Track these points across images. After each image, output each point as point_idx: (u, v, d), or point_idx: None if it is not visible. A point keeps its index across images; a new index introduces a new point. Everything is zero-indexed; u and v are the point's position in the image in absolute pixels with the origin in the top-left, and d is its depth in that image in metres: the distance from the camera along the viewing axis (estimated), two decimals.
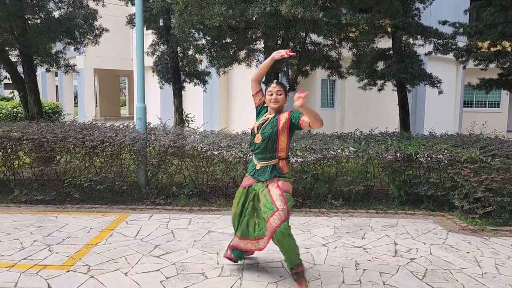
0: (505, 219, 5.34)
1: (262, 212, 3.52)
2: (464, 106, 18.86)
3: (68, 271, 3.89)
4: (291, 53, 3.47)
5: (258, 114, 3.75)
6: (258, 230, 3.67)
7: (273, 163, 3.56)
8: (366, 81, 9.97)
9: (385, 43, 9.59)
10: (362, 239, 4.85)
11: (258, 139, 3.56)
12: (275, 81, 3.64)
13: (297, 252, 3.52)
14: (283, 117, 3.51)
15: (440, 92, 9.70)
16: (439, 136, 6.73)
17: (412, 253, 4.42)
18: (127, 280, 3.71)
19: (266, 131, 3.52)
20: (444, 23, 10.25)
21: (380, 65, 9.93)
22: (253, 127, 3.64)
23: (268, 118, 3.60)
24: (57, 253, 4.31)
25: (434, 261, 4.21)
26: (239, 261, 4.01)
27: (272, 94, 3.56)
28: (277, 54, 3.50)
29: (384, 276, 3.85)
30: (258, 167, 3.60)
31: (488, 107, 20.10)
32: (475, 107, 20.23)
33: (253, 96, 3.76)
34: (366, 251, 4.46)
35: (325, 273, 3.90)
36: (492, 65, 10.02)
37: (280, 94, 3.55)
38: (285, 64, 7.91)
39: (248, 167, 3.81)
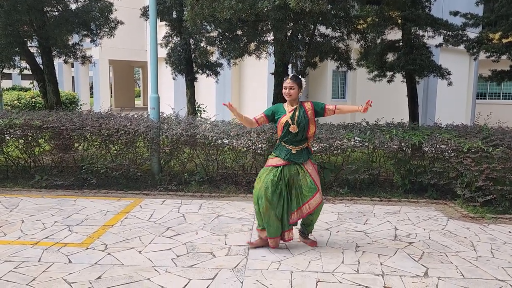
0: (505, 207, 5.49)
1: (303, 190, 4.04)
2: (477, 98, 18.74)
3: (87, 248, 4.20)
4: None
5: (276, 112, 4.15)
6: (291, 205, 4.13)
7: (305, 146, 4.11)
8: (375, 72, 10.07)
9: (395, 34, 9.66)
10: (364, 224, 5.06)
11: (294, 129, 4.01)
12: (290, 75, 4.09)
13: None
14: (308, 108, 4.07)
15: (450, 84, 9.75)
16: (444, 126, 6.86)
17: (411, 238, 4.62)
18: (141, 257, 4.00)
19: (301, 121, 4.01)
20: (455, 14, 10.26)
21: (390, 57, 10.01)
22: (286, 120, 4.03)
23: (295, 109, 4.05)
24: (76, 233, 4.63)
25: (432, 245, 4.41)
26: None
27: (286, 88, 4.06)
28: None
29: (382, 257, 4.07)
30: (294, 151, 4.06)
31: (502, 99, 19.94)
32: (488, 99, 20.08)
33: (261, 123, 4.21)
34: (367, 235, 4.68)
35: (326, 254, 4.14)
36: (504, 57, 10.02)
37: (292, 89, 4.03)
38: (294, 55, 8.08)
39: (277, 152, 4.14)
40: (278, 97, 7.42)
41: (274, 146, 4.63)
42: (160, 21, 10.99)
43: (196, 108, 11.62)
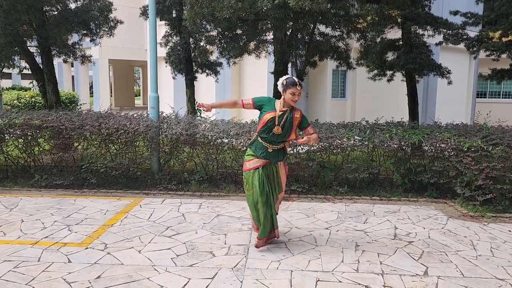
0: (505, 206, 5.49)
1: (277, 188, 4.19)
2: (477, 97, 18.73)
3: (87, 248, 4.19)
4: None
5: (265, 106, 4.07)
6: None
7: (282, 146, 4.14)
8: (375, 71, 10.06)
9: (394, 33, 9.65)
10: (364, 223, 5.06)
11: (278, 130, 3.99)
12: (298, 81, 3.98)
13: None
14: (297, 117, 4.06)
15: (450, 83, 9.74)
16: (444, 125, 6.85)
17: (411, 237, 4.62)
18: (140, 257, 4.00)
19: (286, 126, 4.00)
20: (455, 13, 10.25)
21: (390, 56, 10.00)
22: (271, 117, 3.98)
23: (285, 111, 4.01)
24: (76, 232, 4.63)
25: (432, 244, 4.40)
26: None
27: (294, 94, 3.95)
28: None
29: (382, 256, 4.07)
30: (270, 150, 4.06)
31: (502, 97, 19.93)
32: (488, 97, 20.07)
33: (247, 108, 4.18)
34: (367, 234, 4.68)
35: (326, 253, 4.13)
36: (504, 55, 10.01)
37: (299, 95, 3.99)
38: (294, 54, 8.08)
39: (253, 148, 4.14)
40: (278, 96, 7.41)
41: None
42: (160, 20, 10.98)
43: (196, 108, 11.60)
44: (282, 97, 4.04)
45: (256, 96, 4.24)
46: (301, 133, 4.32)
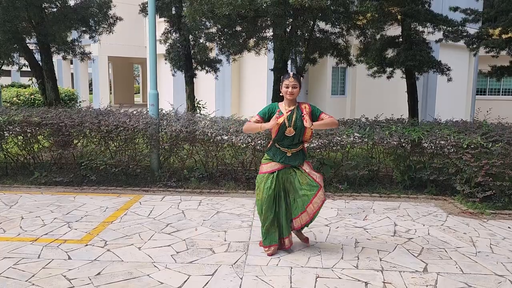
0: (504, 203, 5.50)
1: (305, 190, 3.88)
2: (477, 94, 18.71)
3: (87, 245, 4.20)
4: None
5: (272, 113, 3.88)
6: (293, 209, 3.98)
7: (301, 148, 3.96)
8: (375, 68, 10.04)
9: (394, 30, 9.64)
10: (363, 220, 5.07)
11: (290, 132, 3.83)
12: (291, 73, 3.88)
13: None
14: (306, 112, 3.84)
15: (449, 80, 9.73)
16: (444, 122, 6.86)
17: (410, 233, 4.63)
18: (140, 254, 4.01)
19: (298, 125, 3.83)
20: (455, 9, 10.24)
21: (390, 53, 9.98)
22: (282, 122, 3.79)
23: (292, 110, 3.85)
24: (76, 229, 4.63)
25: (431, 241, 4.41)
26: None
27: (288, 87, 3.83)
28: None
29: (382, 253, 4.08)
30: (289, 154, 3.90)
31: (502, 94, 19.92)
32: (488, 94, 20.06)
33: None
34: (366, 231, 4.68)
35: (325, 250, 4.14)
36: (503, 52, 10.00)
37: (295, 87, 3.84)
38: (293, 51, 8.06)
39: (271, 154, 3.96)
40: (278, 93, 7.40)
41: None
42: (159, 17, 10.97)
43: (196, 105, 11.60)
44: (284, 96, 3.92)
45: (260, 110, 4.01)
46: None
